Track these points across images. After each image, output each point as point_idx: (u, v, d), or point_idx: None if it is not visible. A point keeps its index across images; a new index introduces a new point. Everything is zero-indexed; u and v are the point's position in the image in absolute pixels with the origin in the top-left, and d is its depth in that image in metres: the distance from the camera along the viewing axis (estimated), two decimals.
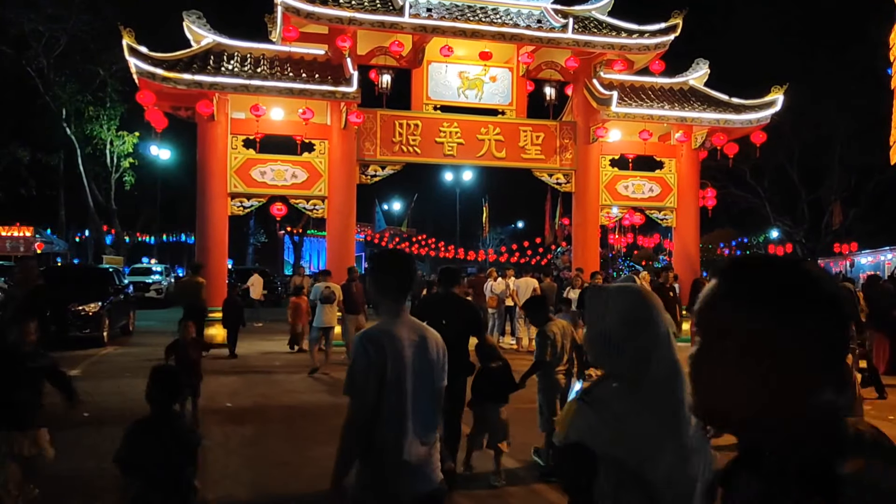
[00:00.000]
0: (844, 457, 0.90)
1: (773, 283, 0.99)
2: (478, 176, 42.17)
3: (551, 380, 6.04)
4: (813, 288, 0.99)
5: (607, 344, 1.83)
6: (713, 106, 16.01)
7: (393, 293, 2.75)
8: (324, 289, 11.98)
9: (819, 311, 0.98)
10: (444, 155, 15.51)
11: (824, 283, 0.99)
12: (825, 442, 0.93)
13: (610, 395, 1.81)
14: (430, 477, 2.74)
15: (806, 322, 0.96)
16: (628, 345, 1.80)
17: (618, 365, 1.83)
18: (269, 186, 14.46)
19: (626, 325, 1.82)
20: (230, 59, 14.22)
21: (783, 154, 27.34)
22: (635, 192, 16.53)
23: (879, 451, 0.92)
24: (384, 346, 2.60)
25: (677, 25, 15.58)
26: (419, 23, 14.08)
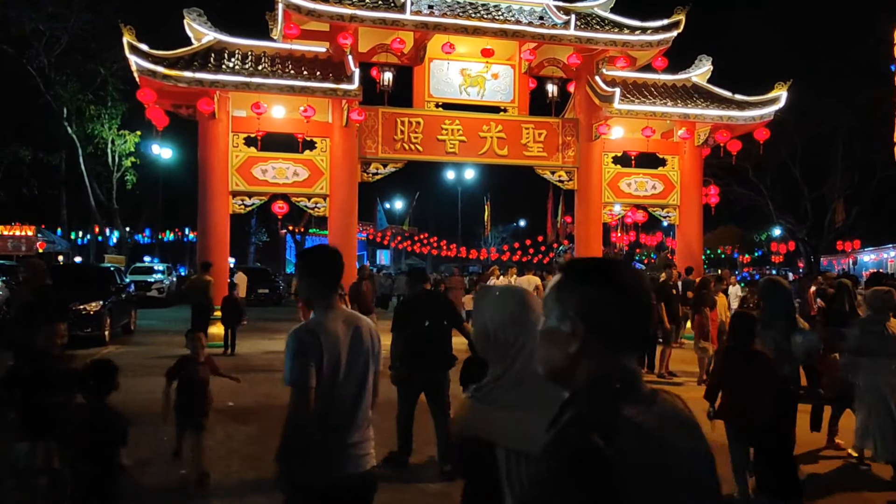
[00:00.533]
0: (631, 404, 1.19)
1: (586, 275, 1.33)
2: (480, 174, 42.12)
3: None
4: (614, 279, 1.31)
5: (492, 340, 1.96)
6: (716, 103, 15.93)
7: (322, 289, 2.87)
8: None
9: (618, 296, 1.29)
10: (446, 153, 15.45)
11: (624, 276, 1.31)
12: (616, 394, 1.22)
13: (498, 389, 1.94)
14: (362, 460, 2.86)
15: (608, 303, 1.28)
16: (511, 342, 1.94)
17: (503, 360, 1.95)
18: (270, 185, 14.42)
19: (509, 324, 1.95)
20: (231, 57, 14.17)
21: (786, 152, 27.26)
22: (638, 189, 16.46)
23: (658, 404, 1.24)
24: (319, 338, 2.72)
25: (680, 22, 15.51)
26: (421, 20, 14.02)
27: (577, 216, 16.78)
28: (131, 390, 8.63)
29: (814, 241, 30.99)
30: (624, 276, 1.32)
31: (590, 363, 1.28)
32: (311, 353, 2.69)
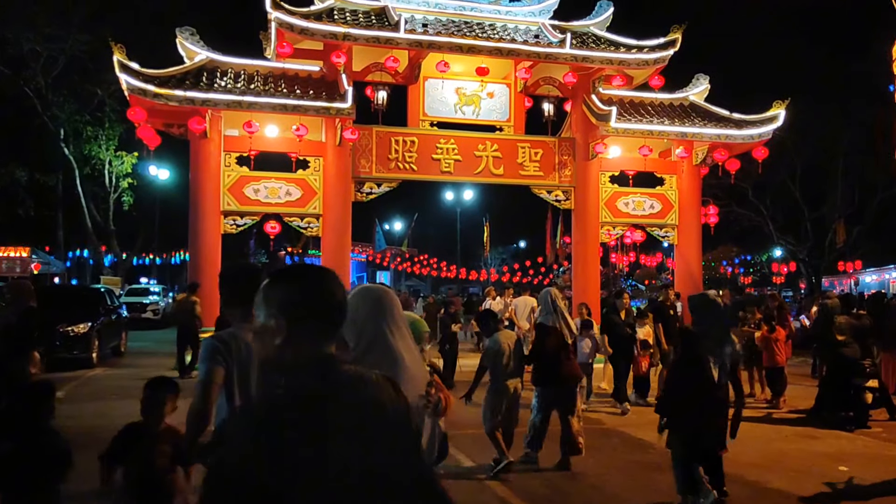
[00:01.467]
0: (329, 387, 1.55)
1: (283, 279, 1.67)
2: (478, 195, 41.99)
3: (499, 385, 6.55)
4: (303, 282, 1.67)
5: (350, 324, 2.40)
6: (714, 121, 15.79)
7: (237, 304, 3.07)
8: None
9: (306, 295, 1.63)
10: (442, 172, 15.27)
11: (311, 279, 1.68)
12: (319, 377, 1.57)
13: (359, 357, 2.51)
14: None
15: (299, 302, 1.61)
16: (361, 326, 2.56)
17: (357, 339, 2.55)
18: (262, 204, 14.23)
19: (362, 315, 2.57)
20: (223, 76, 14.07)
21: (785, 172, 27.13)
22: (636, 208, 16.25)
23: (353, 379, 1.61)
24: (229, 345, 2.95)
25: (676, 40, 15.41)
26: (415, 38, 13.92)
27: (574, 236, 16.56)
28: (109, 413, 8.38)
29: (815, 262, 30.73)
30: (311, 279, 1.68)
31: (293, 350, 1.60)
32: (219, 357, 2.91)
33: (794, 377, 10.65)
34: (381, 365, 2.28)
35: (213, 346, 2.96)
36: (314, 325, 1.61)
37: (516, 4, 15.73)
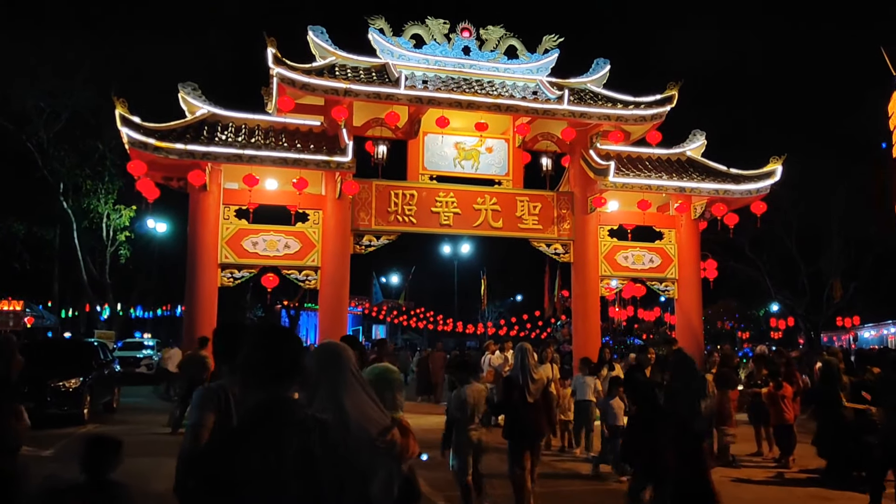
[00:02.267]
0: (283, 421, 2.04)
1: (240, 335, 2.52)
2: (476, 248, 42.05)
3: (464, 437, 6.57)
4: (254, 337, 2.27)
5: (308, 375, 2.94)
6: (712, 176, 15.90)
7: (226, 359, 3.28)
8: None
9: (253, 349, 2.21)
10: (441, 225, 15.27)
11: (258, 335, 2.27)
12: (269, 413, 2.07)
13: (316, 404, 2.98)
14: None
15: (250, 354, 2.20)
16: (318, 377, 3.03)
17: (310, 393, 3.00)
18: (260, 257, 14.16)
19: (317, 367, 3.06)
20: (224, 130, 14.17)
21: (781, 227, 27.27)
22: (635, 262, 16.22)
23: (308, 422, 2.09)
24: (220, 397, 3.15)
25: (673, 97, 15.63)
26: (415, 94, 14.09)
27: (574, 289, 16.47)
28: None
29: (813, 317, 30.63)
30: (258, 335, 2.23)
31: (253, 393, 2.06)
32: (212, 403, 3.11)
33: (804, 435, 10.40)
34: (325, 411, 2.83)
35: (206, 393, 3.18)
36: (264, 374, 2.09)
37: (515, 62, 16.00)
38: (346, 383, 3.05)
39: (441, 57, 15.51)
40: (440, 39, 15.57)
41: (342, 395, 3.02)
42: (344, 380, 3.05)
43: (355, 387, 3.08)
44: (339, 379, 3.05)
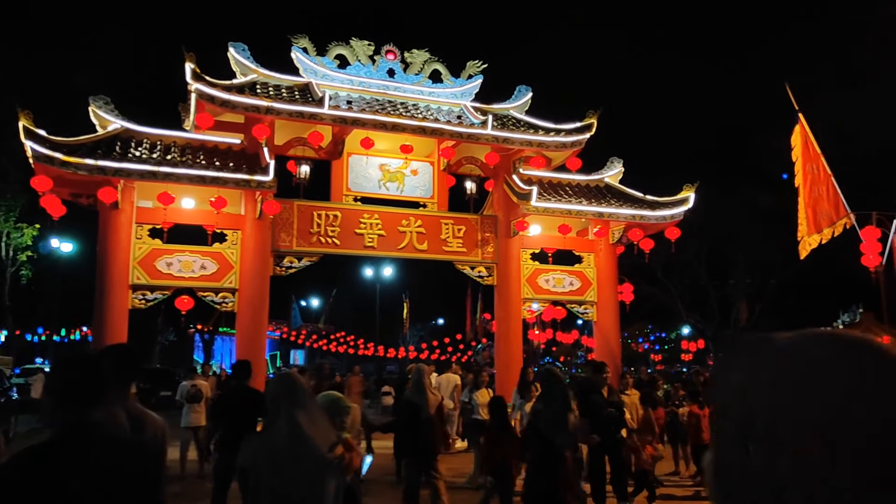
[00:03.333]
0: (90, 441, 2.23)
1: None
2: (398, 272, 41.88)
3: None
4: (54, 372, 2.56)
5: (269, 405, 3.65)
6: (629, 202, 16.40)
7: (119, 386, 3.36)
8: (189, 387, 11.58)
9: (55, 374, 2.50)
10: (365, 247, 15.10)
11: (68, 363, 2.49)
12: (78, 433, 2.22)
13: (261, 435, 3.73)
14: None
15: (53, 379, 2.45)
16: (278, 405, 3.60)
17: (272, 414, 3.60)
18: (174, 278, 13.59)
19: (275, 395, 3.65)
20: (138, 146, 13.62)
21: (691, 253, 28.41)
22: (556, 285, 16.50)
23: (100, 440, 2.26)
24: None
25: (592, 125, 16.09)
26: (339, 114, 13.96)
27: (496, 312, 16.58)
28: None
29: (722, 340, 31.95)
30: (59, 364, 2.58)
31: (63, 415, 2.23)
32: None
33: None
34: (282, 430, 3.51)
35: None
36: (66, 399, 2.28)
37: (439, 86, 16.12)
38: (302, 406, 3.61)
39: (365, 78, 15.46)
40: (364, 61, 15.53)
41: (298, 415, 3.54)
42: (300, 403, 3.61)
43: (309, 409, 3.65)
44: (296, 402, 3.60)
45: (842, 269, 23.10)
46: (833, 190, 11.94)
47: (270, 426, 3.57)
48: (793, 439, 0.76)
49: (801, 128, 12.47)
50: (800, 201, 12.51)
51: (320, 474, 3.49)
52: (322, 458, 3.50)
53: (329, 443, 3.58)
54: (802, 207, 12.45)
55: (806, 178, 12.31)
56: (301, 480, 3.46)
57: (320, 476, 3.49)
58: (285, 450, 3.48)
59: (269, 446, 3.52)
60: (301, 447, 3.47)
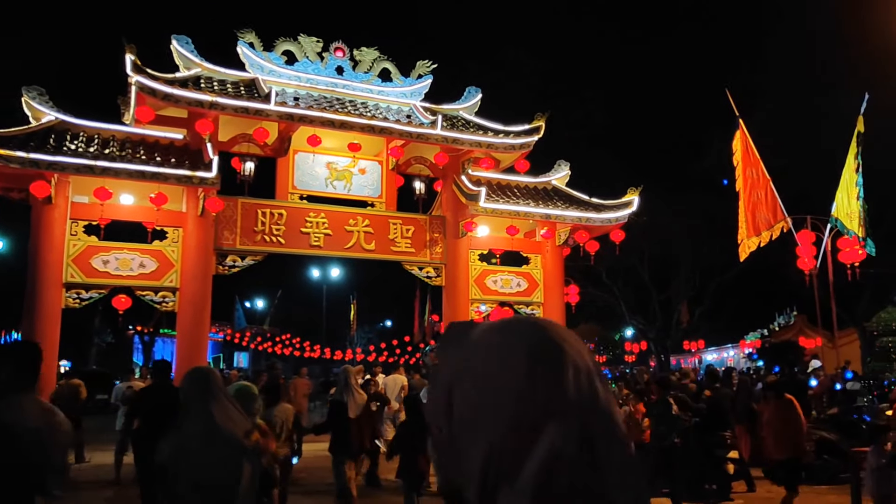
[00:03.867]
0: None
1: None
2: (346, 273, 41.49)
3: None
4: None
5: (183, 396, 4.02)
6: (575, 205, 16.59)
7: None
8: (125, 389, 11.33)
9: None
10: (311, 246, 14.87)
11: None
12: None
13: (177, 430, 3.88)
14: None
15: None
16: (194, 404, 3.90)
17: (185, 407, 3.95)
18: (111, 276, 13.11)
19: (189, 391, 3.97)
20: (74, 139, 13.10)
21: (635, 256, 28.91)
22: (504, 286, 16.56)
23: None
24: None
25: (540, 127, 16.22)
26: (286, 111, 13.71)
27: (444, 313, 16.55)
28: None
29: (663, 341, 32.64)
30: None
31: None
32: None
33: None
34: (197, 422, 3.77)
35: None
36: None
37: (389, 85, 16.01)
38: (214, 398, 3.84)
39: (313, 75, 15.24)
40: (313, 57, 15.31)
41: (212, 407, 3.80)
42: (213, 395, 3.85)
43: (221, 400, 3.88)
44: (210, 395, 3.85)
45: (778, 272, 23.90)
46: (771, 194, 12.31)
47: (185, 420, 3.83)
48: (468, 416, 0.84)
49: (741, 133, 12.82)
50: (740, 205, 12.85)
51: (237, 460, 3.75)
52: (238, 444, 3.77)
53: (244, 430, 3.87)
54: (742, 210, 12.80)
55: (746, 182, 12.66)
56: (218, 467, 3.71)
57: (237, 461, 3.75)
58: (201, 440, 3.73)
59: (185, 439, 3.76)
60: (216, 436, 3.73)
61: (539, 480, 0.79)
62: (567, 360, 0.85)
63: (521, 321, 0.90)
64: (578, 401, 0.83)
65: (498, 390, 0.83)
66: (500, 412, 0.82)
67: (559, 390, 0.82)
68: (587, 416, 0.83)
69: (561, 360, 0.84)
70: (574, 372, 0.84)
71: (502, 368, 0.84)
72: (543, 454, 0.79)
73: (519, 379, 0.83)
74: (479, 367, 0.86)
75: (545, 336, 0.86)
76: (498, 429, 0.82)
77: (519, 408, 0.82)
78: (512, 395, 0.82)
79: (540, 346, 0.85)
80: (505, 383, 0.83)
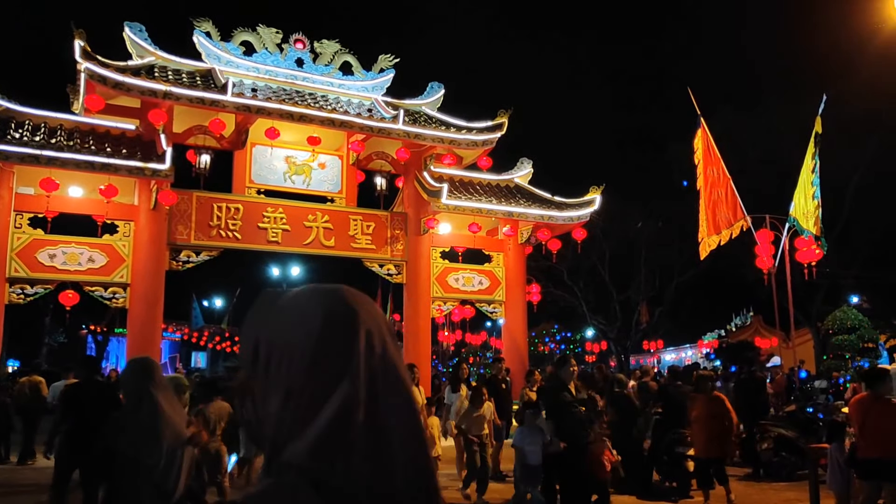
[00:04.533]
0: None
1: None
2: (307, 271, 40.90)
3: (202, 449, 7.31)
4: None
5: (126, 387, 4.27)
6: (537, 203, 16.51)
7: None
8: (64, 388, 10.90)
9: None
10: (268, 241, 14.50)
11: None
12: None
13: (125, 417, 4.16)
14: None
15: None
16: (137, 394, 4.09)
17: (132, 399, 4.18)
18: (58, 271, 12.60)
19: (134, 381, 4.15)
20: (20, 127, 12.55)
21: (595, 256, 29.09)
22: (465, 284, 16.40)
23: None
24: None
25: (503, 124, 16.11)
26: (243, 102, 13.35)
27: (406, 311, 16.31)
28: None
29: (623, 341, 32.91)
30: None
31: None
32: None
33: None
34: (144, 411, 3.94)
35: None
36: None
37: (350, 78, 15.73)
38: (161, 387, 4.05)
39: (273, 67, 14.89)
40: (272, 49, 14.96)
41: (157, 396, 3.98)
42: (158, 385, 4.04)
43: (165, 389, 4.10)
44: (155, 385, 4.03)
45: (736, 273, 24.24)
46: (731, 193, 12.38)
47: (134, 408, 4.01)
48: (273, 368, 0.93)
49: (702, 132, 12.88)
50: (701, 203, 12.91)
51: (179, 447, 3.99)
52: (181, 434, 4.04)
53: (185, 419, 4.21)
54: (703, 209, 12.85)
55: (707, 181, 12.71)
56: (161, 454, 3.92)
57: (179, 449, 4.00)
58: (149, 427, 3.93)
59: (134, 426, 3.96)
60: (163, 424, 3.95)
61: (324, 432, 0.88)
62: (360, 324, 0.93)
63: (322, 288, 0.99)
64: (369, 362, 0.91)
65: (295, 348, 0.91)
66: (296, 367, 0.90)
67: (351, 351, 0.91)
68: (376, 377, 0.91)
69: (354, 323, 0.93)
70: (367, 335, 0.93)
71: (301, 330, 0.92)
72: (332, 409, 0.88)
73: (315, 340, 0.91)
74: (282, 326, 0.93)
75: (341, 301, 0.95)
76: (295, 381, 0.90)
77: (313, 366, 0.90)
78: (307, 354, 0.90)
79: (335, 310, 0.94)
80: (302, 343, 0.91)
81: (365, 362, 0.91)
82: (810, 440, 9.26)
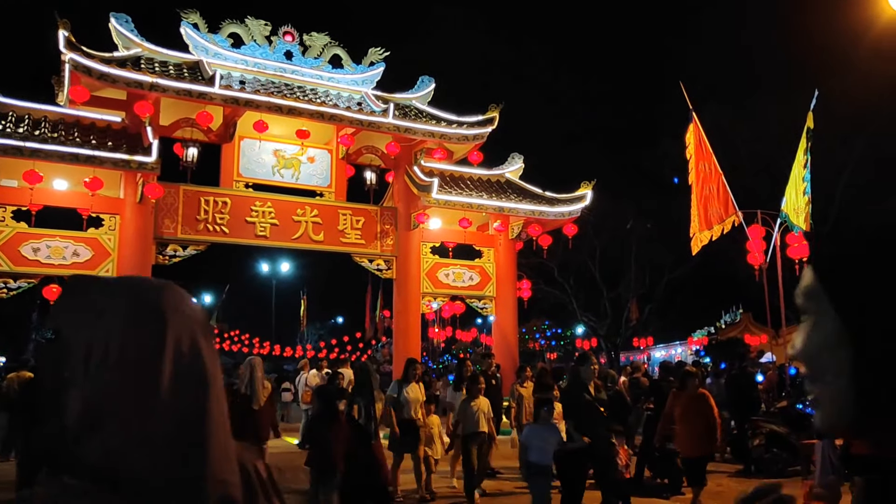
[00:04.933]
0: None
1: None
2: (296, 268, 40.74)
3: None
4: None
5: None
6: (528, 198, 16.41)
7: None
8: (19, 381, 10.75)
9: None
10: (256, 236, 14.34)
11: None
12: None
13: None
14: None
15: None
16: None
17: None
18: (42, 265, 12.41)
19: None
20: (3, 119, 12.36)
21: (586, 253, 29.04)
22: (456, 280, 16.29)
23: None
24: None
25: (494, 118, 15.99)
26: (231, 94, 13.18)
27: (395, 306, 16.19)
28: None
29: (613, 338, 32.90)
30: None
31: None
32: None
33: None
34: None
35: None
36: None
37: (340, 71, 15.58)
38: None
39: (261, 59, 14.72)
40: (261, 41, 14.79)
41: None
42: None
43: None
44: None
45: (726, 269, 24.23)
46: (723, 188, 12.31)
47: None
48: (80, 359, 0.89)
49: (694, 126, 12.80)
50: (693, 198, 12.84)
51: None
52: None
53: None
54: (695, 204, 12.78)
55: (699, 176, 12.64)
56: None
57: None
58: None
59: None
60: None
61: (125, 428, 0.86)
62: (167, 318, 0.92)
63: (135, 283, 0.98)
64: (177, 358, 0.91)
65: (99, 342, 0.89)
66: (99, 360, 0.88)
67: (158, 348, 0.90)
68: (181, 375, 0.90)
69: (161, 318, 0.92)
70: (174, 328, 0.92)
71: (107, 323, 0.90)
72: (133, 406, 0.87)
73: (119, 333, 0.89)
74: (87, 318, 0.91)
75: (150, 298, 0.94)
76: (100, 375, 0.88)
77: (119, 361, 0.88)
78: (113, 348, 0.89)
79: (143, 304, 0.92)
80: (106, 336, 0.89)
81: (174, 360, 0.90)
82: (802, 436, 9.21)
